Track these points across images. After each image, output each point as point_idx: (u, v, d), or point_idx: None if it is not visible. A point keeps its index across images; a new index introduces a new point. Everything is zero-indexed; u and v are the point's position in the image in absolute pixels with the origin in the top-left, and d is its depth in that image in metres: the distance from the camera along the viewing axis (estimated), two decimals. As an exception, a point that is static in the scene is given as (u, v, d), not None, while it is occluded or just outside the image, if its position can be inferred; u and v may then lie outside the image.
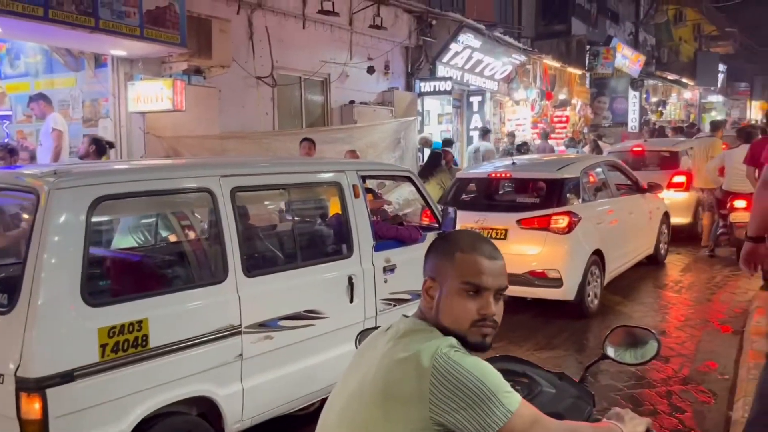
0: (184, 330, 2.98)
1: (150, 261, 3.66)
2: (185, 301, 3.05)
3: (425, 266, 1.54)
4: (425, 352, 1.36)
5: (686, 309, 6.56)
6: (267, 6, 9.19)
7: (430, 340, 1.40)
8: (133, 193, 3.08)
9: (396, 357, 1.39)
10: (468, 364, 1.34)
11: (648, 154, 10.77)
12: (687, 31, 31.18)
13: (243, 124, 8.93)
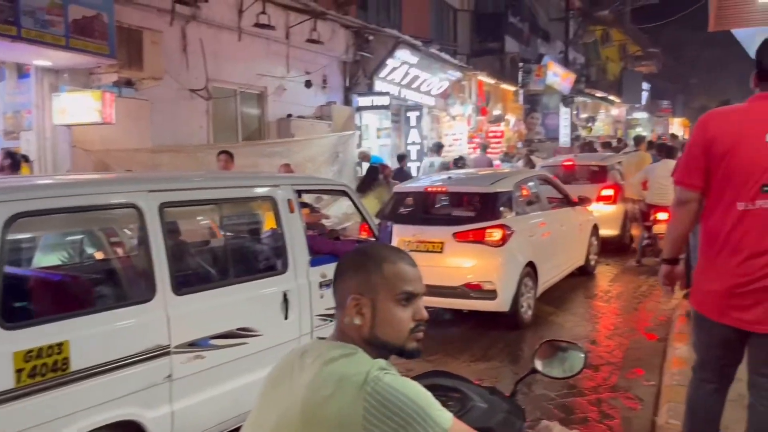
0: (108, 352, 2.86)
1: (72, 280, 3.50)
2: (110, 321, 2.93)
3: (345, 284, 1.48)
4: (356, 376, 1.33)
5: (615, 318, 6.79)
6: (201, 18, 9.05)
7: (358, 364, 1.37)
8: (54, 210, 2.95)
9: (324, 384, 1.35)
10: (400, 385, 1.33)
11: (578, 169, 11.14)
12: (613, 51, 32.63)
13: (176, 138, 8.73)
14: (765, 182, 2.52)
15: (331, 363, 1.38)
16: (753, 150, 2.53)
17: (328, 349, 1.43)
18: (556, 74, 21.56)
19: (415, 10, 15.79)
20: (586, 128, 26.34)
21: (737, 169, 2.56)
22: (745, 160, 2.55)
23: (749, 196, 2.55)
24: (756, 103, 2.66)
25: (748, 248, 2.56)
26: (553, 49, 24.24)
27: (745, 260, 2.58)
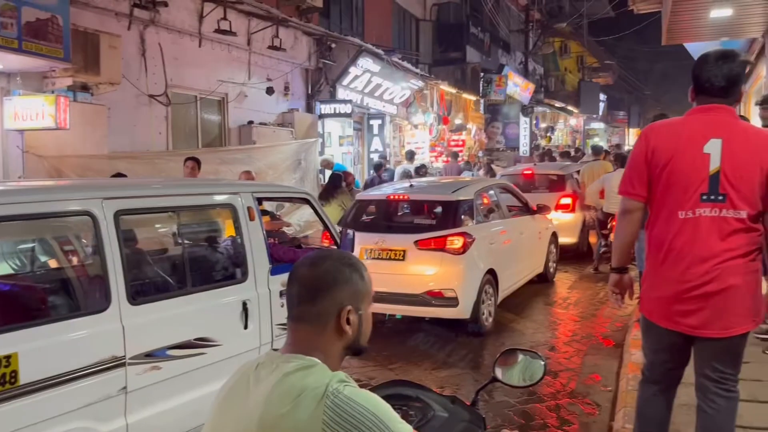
0: (60, 364, 2.77)
1: (22, 290, 3.38)
2: (62, 332, 2.84)
3: (333, 296, 1.44)
4: (315, 389, 1.32)
5: (573, 325, 6.91)
6: (161, 23, 8.91)
7: (317, 376, 1.36)
8: (4, 217, 2.85)
9: (282, 398, 1.33)
10: (360, 398, 1.33)
11: (537, 177, 11.32)
12: (571, 63, 33.35)
13: (134, 144, 8.56)
14: (704, 191, 2.62)
15: (289, 376, 1.36)
16: (691, 160, 2.64)
17: (285, 362, 1.40)
18: (516, 84, 21.92)
19: (378, 19, 15.87)
20: (546, 138, 26.83)
21: (677, 179, 2.67)
22: (685, 170, 2.65)
23: (689, 204, 2.65)
24: (693, 116, 2.77)
25: (690, 255, 2.66)
26: (513, 60, 24.65)
27: (687, 267, 2.67)
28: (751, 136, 2.68)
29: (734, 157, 2.60)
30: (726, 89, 2.69)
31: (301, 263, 1.50)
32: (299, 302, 1.45)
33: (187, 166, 7.35)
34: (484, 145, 21.13)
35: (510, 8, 24.18)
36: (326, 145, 13.24)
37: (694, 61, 2.93)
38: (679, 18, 7.41)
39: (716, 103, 2.70)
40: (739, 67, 2.72)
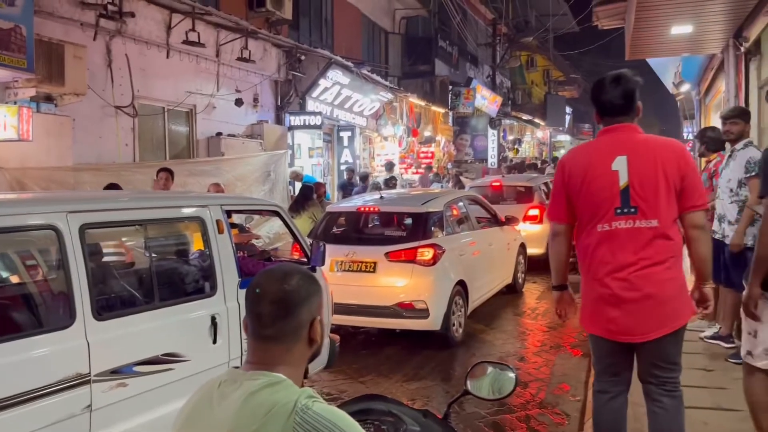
0: (21, 382, 2.69)
1: (-18, 306, 3.29)
2: (24, 349, 2.76)
3: (304, 311, 1.44)
4: (284, 406, 1.31)
5: (542, 335, 6.98)
6: (127, 33, 8.81)
7: (286, 392, 1.35)
8: (-37, 232, 2.78)
9: (251, 415, 1.32)
10: (329, 414, 1.32)
11: (506, 189, 11.45)
12: (538, 76, 33.93)
13: (100, 156, 8.42)
14: (617, 205, 2.82)
15: (257, 393, 1.35)
16: (602, 179, 2.85)
17: (250, 379, 1.38)
18: (484, 97, 22.20)
19: (347, 31, 15.95)
20: (513, 150, 27.19)
21: (593, 197, 2.88)
22: (598, 188, 2.86)
23: (606, 219, 2.85)
24: (600, 137, 3.01)
25: (609, 265, 2.85)
26: (481, 73, 24.97)
27: (606, 276, 2.86)
28: (651, 148, 2.88)
29: (639, 170, 2.81)
30: (624, 107, 2.92)
31: (266, 281, 1.45)
32: (274, 321, 1.41)
33: (160, 178, 7.25)
34: (453, 156, 21.31)
35: (477, 22, 24.53)
36: (296, 157, 13.20)
37: (658, 76, 3.07)
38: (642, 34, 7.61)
39: (618, 121, 2.93)
40: (632, 86, 2.93)
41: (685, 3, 6.12)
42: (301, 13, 13.86)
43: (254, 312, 1.43)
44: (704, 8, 6.39)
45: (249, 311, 1.44)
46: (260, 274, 1.49)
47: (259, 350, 1.43)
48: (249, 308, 1.44)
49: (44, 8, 7.54)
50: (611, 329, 2.89)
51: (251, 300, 1.43)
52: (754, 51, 6.99)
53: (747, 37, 6.98)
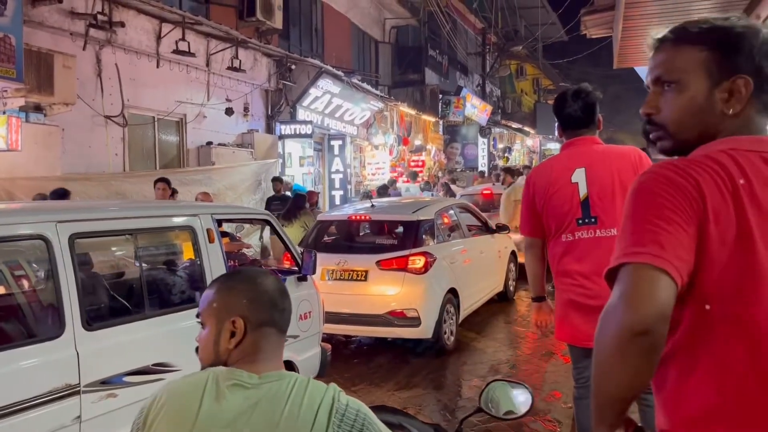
0: (9, 393, 2.67)
1: (-29, 317, 3.26)
2: (12, 360, 2.74)
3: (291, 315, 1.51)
4: (325, 403, 1.32)
5: (533, 342, 6.98)
6: (117, 43, 8.80)
7: (318, 388, 1.34)
8: (-49, 242, 2.76)
9: (304, 419, 1.30)
10: (360, 407, 1.35)
11: (496, 197, 11.48)
12: (527, 84, 34.15)
13: (89, 166, 8.38)
14: (578, 216, 2.93)
15: (299, 393, 1.33)
16: (563, 191, 2.96)
17: (277, 379, 1.35)
18: (474, 106, 22.31)
19: (337, 41, 16.00)
20: (503, 158, 27.30)
21: (556, 210, 2.99)
22: (560, 200, 2.97)
23: (569, 229, 2.96)
24: (562, 151, 3.14)
25: (575, 273, 2.95)
26: (471, 82, 25.10)
27: (571, 284, 2.97)
28: (608, 158, 2.98)
29: (597, 181, 2.92)
30: (584, 120, 3.02)
31: (266, 280, 1.46)
32: (289, 314, 1.46)
33: (158, 188, 7.22)
34: (444, 165, 21.37)
35: (467, 32, 24.68)
36: (287, 166, 13.21)
37: (641, 84, 3.13)
38: (629, 43, 7.69)
39: (579, 134, 3.04)
40: (591, 99, 3.02)
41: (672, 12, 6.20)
42: (291, 22, 13.91)
43: (279, 308, 1.44)
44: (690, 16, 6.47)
45: (271, 308, 1.43)
46: (250, 276, 1.48)
47: (275, 346, 1.43)
48: (268, 306, 1.42)
49: (34, 18, 7.53)
50: (576, 336, 3.00)
51: (272, 297, 1.43)
52: (739, 59, 7.08)
53: (732, 46, 7.07)
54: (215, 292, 1.46)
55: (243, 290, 1.44)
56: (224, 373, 1.36)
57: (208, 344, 1.43)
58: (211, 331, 1.43)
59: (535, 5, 25.15)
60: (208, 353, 1.43)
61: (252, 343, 1.40)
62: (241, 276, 1.51)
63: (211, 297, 1.45)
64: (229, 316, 1.41)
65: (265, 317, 1.42)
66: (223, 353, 1.41)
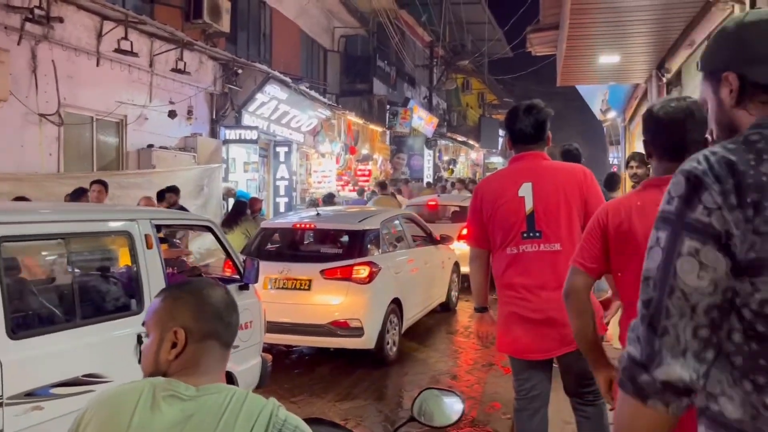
0: (-77, 407, 2.49)
1: None
2: (-73, 371, 2.56)
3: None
4: (263, 417, 1.32)
5: (474, 353, 7.05)
6: (54, 39, 8.45)
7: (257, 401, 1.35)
8: None
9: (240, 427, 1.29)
10: (298, 422, 1.36)
11: (441, 208, 11.61)
12: (473, 99, 34.77)
13: (21, 165, 8.00)
14: (523, 230, 2.98)
15: (237, 405, 1.32)
16: (510, 204, 3.01)
17: (214, 392, 1.34)
18: (421, 118, 22.54)
19: (286, 47, 15.89)
20: (448, 170, 27.66)
21: (502, 223, 3.04)
22: (506, 213, 3.02)
23: (514, 242, 3.01)
24: (511, 165, 3.19)
25: (518, 285, 3.00)
26: (418, 94, 25.36)
27: (513, 296, 3.02)
28: (554, 174, 3.05)
29: (543, 196, 2.97)
30: (535, 136, 3.07)
31: (213, 292, 1.45)
32: (235, 328, 1.45)
33: (94, 190, 6.95)
34: (390, 175, 21.46)
35: (415, 44, 24.95)
36: (230, 171, 12.97)
37: (587, 102, 3.23)
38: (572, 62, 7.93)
39: (528, 149, 3.08)
40: (543, 115, 3.08)
41: (613, 34, 6.43)
42: (240, 26, 13.72)
43: (224, 321, 1.42)
44: (630, 40, 6.73)
45: (215, 321, 1.41)
46: (198, 287, 1.46)
47: (217, 359, 1.41)
48: (212, 318, 1.41)
49: (-36, 9, 7.16)
50: (516, 348, 3.05)
51: (217, 310, 1.42)
52: (674, 82, 7.40)
53: (669, 69, 7.38)
54: (161, 301, 1.44)
55: (188, 301, 1.42)
56: (162, 384, 1.34)
57: (150, 354, 1.41)
58: (153, 341, 1.41)
59: (482, 21, 25.71)
60: (149, 363, 1.41)
61: (193, 355, 1.38)
62: (189, 287, 1.49)
63: (157, 306, 1.44)
64: (172, 327, 1.39)
65: (208, 330, 1.40)
66: (163, 363, 1.39)
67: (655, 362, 1.07)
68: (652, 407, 1.08)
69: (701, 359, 1.06)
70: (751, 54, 1.19)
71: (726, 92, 1.21)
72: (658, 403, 1.08)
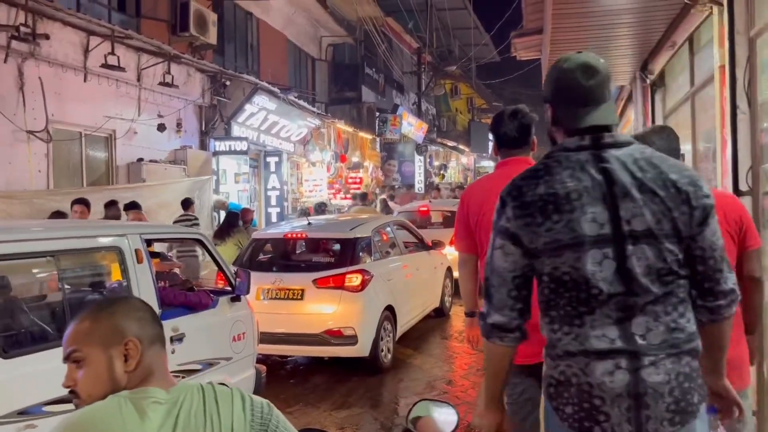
0: None
1: None
2: None
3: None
4: (236, 404, 1.42)
5: (469, 358, 7.07)
6: (41, 56, 8.45)
7: (226, 390, 1.44)
8: None
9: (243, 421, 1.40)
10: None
11: (433, 214, 11.65)
12: (462, 103, 34.90)
13: (10, 183, 7.98)
14: None
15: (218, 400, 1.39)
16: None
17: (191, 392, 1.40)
18: (411, 124, 22.60)
19: (273, 57, 15.92)
20: (439, 175, 27.73)
21: (489, 228, 2.97)
22: (491, 220, 2.96)
23: None
24: (496, 171, 3.20)
25: None
26: (407, 101, 25.44)
27: None
28: None
29: None
30: (520, 140, 3.10)
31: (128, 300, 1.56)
32: (162, 327, 1.51)
33: (75, 211, 6.85)
34: (381, 182, 21.50)
35: (403, 51, 25.05)
36: (221, 183, 12.96)
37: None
38: (557, 66, 7.99)
39: (514, 154, 3.11)
40: (527, 120, 3.11)
41: (595, 38, 6.48)
42: (226, 38, 13.75)
43: (159, 322, 1.49)
44: (612, 43, 6.79)
45: (155, 323, 1.46)
46: (120, 300, 1.56)
47: (163, 360, 1.46)
48: (151, 322, 1.46)
49: (-51, 28, 7.16)
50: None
51: (152, 314, 1.48)
52: (658, 83, 7.47)
53: (652, 70, 7.45)
54: (92, 321, 1.40)
55: (125, 312, 1.43)
56: (138, 393, 1.34)
57: (99, 376, 1.37)
58: (99, 363, 1.37)
59: (468, 26, 25.84)
60: (101, 386, 1.36)
61: (148, 362, 1.40)
62: (114, 301, 1.56)
63: (88, 328, 1.39)
64: (121, 340, 1.38)
65: (153, 333, 1.44)
66: (120, 379, 1.37)
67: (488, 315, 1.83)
68: (493, 342, 1.84)
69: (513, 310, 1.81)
70: (556, 94, 1.83)
71: (548, 115, 1.87)
72: (496, 339, 1.84)
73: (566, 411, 1.72)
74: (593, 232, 1.67)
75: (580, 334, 1.69)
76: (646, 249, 1.67)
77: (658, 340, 1.66)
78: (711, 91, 4.56)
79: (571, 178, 1.71)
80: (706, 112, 5.24)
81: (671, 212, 1.67)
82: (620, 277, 1.67)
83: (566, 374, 1.71)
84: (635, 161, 1.71)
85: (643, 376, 1.63)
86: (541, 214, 1.72)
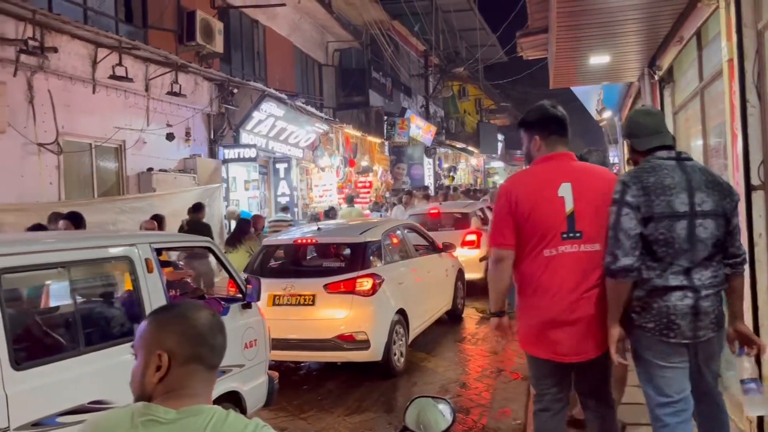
0: (-69, 442, 2.51)
1: None
2: (-67, 406, 2.58)
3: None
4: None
5: (483, 360, 7.03)
6: (50, 69, 8.53)
7: (240, 421, 1.40)
8: None
9: None
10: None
11: (443, 216, 11.62)
12: (470, 105, 34.83)
13: (22, 195, 8.05)
14: (563, 230, 2.93)
15: (221, 427, 1.36)
16: (550, 204, 2.95)
17: (194, 414, 1.37)
18: (419, 127, 22.59)
19: (280, 64, 15.99)
20: (449, 177, 27.68)
21: (540, 223, 2.96)
22: (546, 214, 2.96)
23: (553, 243, 2.94)
24: (541, 165, 3.11)
25: (556, 287, 2.94)
26: (414, 103, 25.44)
27: (552, 299, 2.94)
28: (589, 175, 3.06)
29: (584, 197, 2.94)
30: (567, 129, 3.12)
31: (198, 314, 1.47)
32: (222, 351, 1.48)
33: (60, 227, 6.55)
34: (391, 185, 21.50)
35: (409, 54, 25.05)
36: (231, 190, 13.02)
37: (582, 103, 3.28)
38: (563, 64, 7.94)
39: (562, 141, 3.10)
40: (566, 115, 3.15)
41: (601, 35, 6.44)
42: (233, 46, 13.82)
43: (209, 345, 1.45)
44: (619, 39, 6.74)
45: (199, 344, 1.43)
46: (183, 311, 1.49)
47: (203, 382, 1.43)
48: (196, 342, 1.43)
49: (-41, 44, 7.24)
50: (557, 351, 2.97)
51: (201, 333, 1.44)
52: (667, 79, 7.40)
53: (660, 66, 7.39)
54: (147, 324, 1.46)
55: (173, 325, 1.44)
56: (140, 409, 1.37)
57: (137, 376, 1.43)
58: (140, 364, 1.43)
59: (474, 27, 25.79)
60: (136, 386, 1.43)
61: (177, 378, 1.40)
62: (175, 310, 1.52)
63: (143, 329, 1.46)
64: (157, 350, 1.40)
65: (191, 353, 1.42)
66: (148, 386, 1.41)
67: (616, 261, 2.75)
68: (619, 280, 2.77)
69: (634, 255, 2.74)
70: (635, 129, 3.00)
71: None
72: (623, 278, 2.75)
73: (648, 326, 2.78)
74: (681, 210, 2.72)
75: (663, 275, 2.75)
76: (708, 222, 2.74)
77: (707, 281, 2.75)
78: (720, 85, 4.51)
79: (668, 176, 2.78)
80: (716, 107, 5.18)
81: (723, 201, 2.77)
82: (690, 240, 2.73)
83: (649, 303, 2.77)
84: (700, 169, 2.85)
85: (700, 303, 2.73)
86: (653, 194, 2.75)
